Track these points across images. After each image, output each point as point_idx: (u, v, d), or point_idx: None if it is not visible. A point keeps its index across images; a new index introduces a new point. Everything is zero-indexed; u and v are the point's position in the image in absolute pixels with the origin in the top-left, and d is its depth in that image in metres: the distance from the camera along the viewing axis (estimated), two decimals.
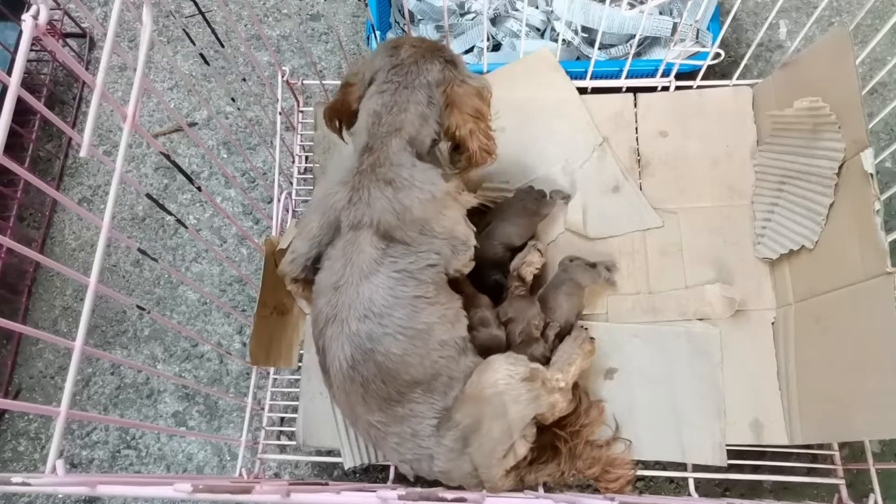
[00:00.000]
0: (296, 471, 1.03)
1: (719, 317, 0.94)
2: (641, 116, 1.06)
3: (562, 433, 0.83)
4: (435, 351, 0.72)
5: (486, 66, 1.08)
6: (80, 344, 0.52)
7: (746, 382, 0.91)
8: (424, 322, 0.72)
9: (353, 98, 0.78)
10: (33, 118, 1.22)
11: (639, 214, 1.00)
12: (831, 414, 0.81)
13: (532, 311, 0.88)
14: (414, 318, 0.71)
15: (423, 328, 0.71)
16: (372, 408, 0.73)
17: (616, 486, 0.84)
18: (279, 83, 1.06)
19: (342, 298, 0.71)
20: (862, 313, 0.77)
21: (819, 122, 0.86)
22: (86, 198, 1.21)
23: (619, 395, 0.91)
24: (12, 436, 1.08)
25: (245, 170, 1.21)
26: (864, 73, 1.15)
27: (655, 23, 1.09)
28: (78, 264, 1.17)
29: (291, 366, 0.98)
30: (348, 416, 0.77)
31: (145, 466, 1.05)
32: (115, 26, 0.54)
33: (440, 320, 0.73)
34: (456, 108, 0.74)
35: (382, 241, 0.71)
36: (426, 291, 0.72)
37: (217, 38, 0.88)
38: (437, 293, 0.74)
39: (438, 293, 0.74)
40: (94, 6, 1.35)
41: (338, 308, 0.71)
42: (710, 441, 0.88)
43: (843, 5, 1.25)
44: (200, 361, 1.10)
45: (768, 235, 0.94)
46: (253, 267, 1.14)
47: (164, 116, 1.26)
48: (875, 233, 0.75)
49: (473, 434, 0.72)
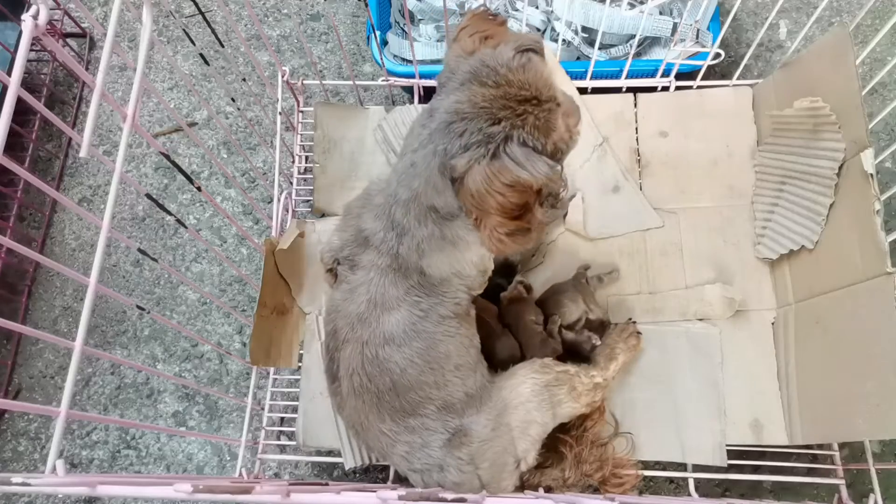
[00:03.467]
0: (296, 471, 1.03)
1: (719, 317, 0.94)
2: (641, 116, 1.06)
3: (566, 437, 0.83)
4: (450, 373, 0.73)
5: None
6: (80, 344, 0.52)
7: (746, 382, 0.91)
8: (442, 352, 0.72)
9: None
10: (33, 118, 1.22)
11: (639, 214, 1.00)
12: (831, 414, 0.81)
13: (527, 312, 0.88)
14: (433, 350, 0.72)
15: (442, 356, 0.72)
16: (384, 417, 0.73)
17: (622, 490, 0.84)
18: (279, 83, 1.06)
19: (363, 328, 0.72)
20: (862, 313, 0.77)
21: (819, 122, 0.86)
22: (86, 198, 1.21)
23: (619, 395, 0.91)
24: (12, 436, 1.08)
25: (245, 170, 1.21)
26: (865, 73, 1.15)
27: (655, 23, 1.09)
28: (78, 264, 1.17)
29: (291, 366, 0.98)
30: (358, 424, 0.77)
31: (145, 466, 1.05)
32: (115, 26, 0.54)
33: (457, 349, 0.74)
34: (468, 192, 0.61)
35: (407, 282, 0.70)
36: (448, 327, 0.72)
37: (217, 38, 0.88)
38: (459, 325, 0.74)
39: (460, 325, 0.74)
40: (94, 6, 1.35)
41: (358, 333, 0.72)
42: (711, 441, 0.88)
43: (843, 5, 1.25)
44: (200, 361, 1.10)
45: (768, 235, 0.94)
46: (253, 267, 1.14)
47: (164, 116, 1.26)
48: (875, 233, 0.75)
49: (489, 447, 0.73)
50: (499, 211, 0.60)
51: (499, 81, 0.60)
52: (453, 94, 0.62)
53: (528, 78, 0.60)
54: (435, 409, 0.73)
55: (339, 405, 0.77)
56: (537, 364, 0.78)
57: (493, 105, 0.60)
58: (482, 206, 0.60)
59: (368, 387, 0.72)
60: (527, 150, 0.60)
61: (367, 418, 0.74)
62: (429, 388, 0.72)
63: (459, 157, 0.60)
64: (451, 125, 0.60)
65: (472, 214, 0.62)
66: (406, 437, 0.73)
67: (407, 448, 0.74)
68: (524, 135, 0.60)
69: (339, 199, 1.06)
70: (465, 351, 0.75)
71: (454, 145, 0.60)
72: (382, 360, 0.71)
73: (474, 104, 0.60)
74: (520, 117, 0.59)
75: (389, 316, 0.70)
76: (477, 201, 0.60)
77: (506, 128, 0.59)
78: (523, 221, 0.62)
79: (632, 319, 0.92)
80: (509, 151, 0.59)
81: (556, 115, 0.62)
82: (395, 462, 0.77)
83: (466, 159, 0.59)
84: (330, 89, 1.21)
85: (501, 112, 0.59)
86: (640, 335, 0.90)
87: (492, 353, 0.85)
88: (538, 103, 0.60)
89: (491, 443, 0.73)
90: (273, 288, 0.93)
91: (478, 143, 0.59)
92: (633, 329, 0.89)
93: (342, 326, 0.74)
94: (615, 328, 0.90)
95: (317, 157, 1.08)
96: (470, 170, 0.59)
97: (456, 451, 0.72)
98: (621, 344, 0.87)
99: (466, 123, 0.60)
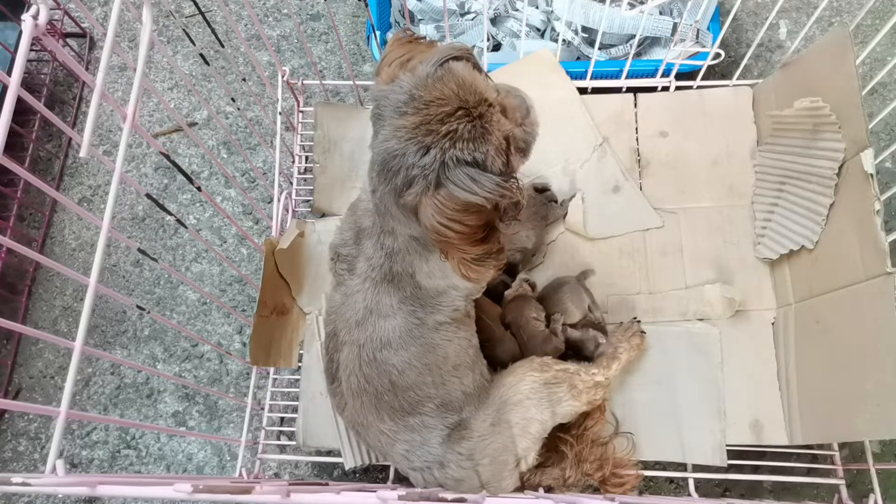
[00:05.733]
0: (296, 471, 1.03)
1: (719, 317, 0.94)
2: (641, 116, 1.06)
3: (566, 436, 0.83)
4: (448, 373, 0.73)
5: (487, 66, 1.08)
6: (80, 344, 0.52)
7: (746, 382, 0.91)
8: (440, 355, 0.72)
9: None
10: (33, 118, 1.22)
11: (639, 214, 1.00)
12: (831, 414, 0.81)
13: (528, 309, 0.88)
14: (430, 353, 0.72)
15: (440, 359, 0.72)
16: (384, 417, 0.73)
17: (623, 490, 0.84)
18: (279, 83, 1.06)
19: (360, 332, 0.72)
20: (862, 313, 0.77)
21: (819, 122, 0.86)
22: (86, 198, 1.21)
23: (619, 395, 0.91)
24: (12, 436, 1.08)
25: (245, 170, 1.21)
26: (864, 73, 1.15)
27: (655, 23, 1.09)
28: (78, 264, 1.17)
29: (291, 366, 0.98)
30: (358, 424, 0.77)
31: (145, 466, 1.05)
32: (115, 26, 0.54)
33: (455, 350, 0.74)
34: (425, 227, 0.57)
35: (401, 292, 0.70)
36: (445, 332, 0.72)
37: (217, 38, 0.88)
38: (457, 329, 0.74)
39: (458, 329, 0.74)
40: (94, 6, 1.35)
41: (355, 336, 0.72)
42: (711, 441, 0.88)
43: (843, 5, 1.25)
44: (200, 361, 1.10)
45: (768, 235, 0.94)
46: (253, 267, 1.14)
47: (164, 116, 1.26)
48: (875, 233, 0.75)
49: (488, 443, 0.73)
50: (461, 239, 0.57)
51: (418, 106, 0.56)
52: (381, 134, 0.58)
53: (447, 90, 0.56)
54: (434, 406, 0.73)
55: (339, 405, 0.78)
56: (536, 362, 0.78)
57: (418, 133, 0.55)
58: (443, 238, 0.57)
59: (367, 388, 0.72)
60: (468, 169, 0.55)
61: (366, 418, 0.75)
62: (427, 387, 0.72)
63: (406, 194, 0.57)
64: (387, 165, 0.57)
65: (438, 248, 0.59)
66: (406, 435, 0.74)
67: (407, 446, 0.74)
68: (457, 154, 0.55)
69: (339, 199, 1.06)
70: (464, 351, 0.75)
71: (398, 183, 0.57)
72: (380, 362, 0.71)
73: (399, 139, 0.56)
74: (447, 137, 0.55)
75: (386, 322, 0.70)
76: (436, 234, 0.57)
77: (436, 154, 0.55)
78: (490, 244, 0.59)
79: (636, 318, 0.92)
80: (451, 176, 0.55)
81: (491, 116, 0.57)
82: (396, 461, 0.77)
83: (413, 195, 0.56)
84: (330, 89, 1.21)
85: (427, 138, 0.55)
86: (644, 335, 0.90)
87: (493, 357, 0.85)
88: (465, 112, 0.55)
89: (490, 438, 0.73)
90: (273, 288, 0.93)
91: (416, 178, 0.56)
92: (636, 328, 0.89)
93: (341, 328, 0.74)
94: (619, 327, 0.90)
95: (317, 157, 1.07)
96: (419, 205, 0.56)
97: (455, 447, 0.73)
98: (625, 343, 0.87)
99: (399, 160, 0.56)
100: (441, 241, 0.58)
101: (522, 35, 1.07)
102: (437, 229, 0.56)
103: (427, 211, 0.56)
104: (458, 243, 0.57)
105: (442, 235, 0.56)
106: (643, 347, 0.90)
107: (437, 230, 0.56)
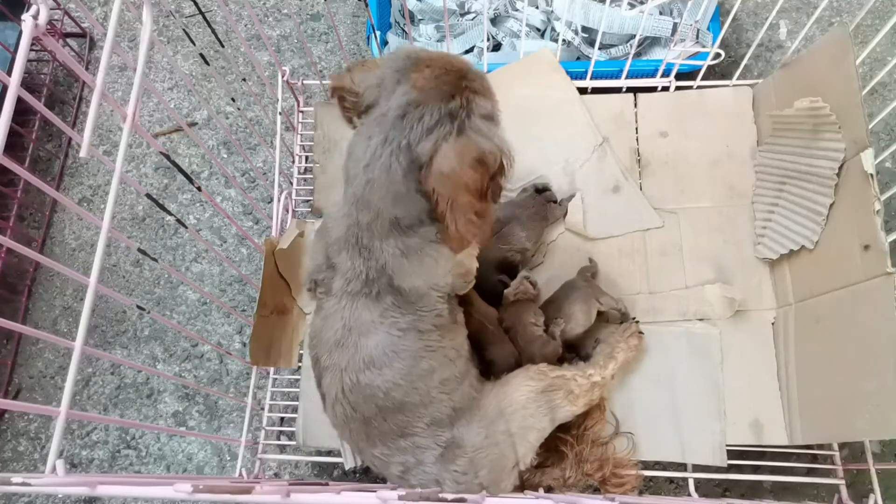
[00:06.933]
0: (296, 471, 1.03)
1: (719, 317, 0.94)
2: (641, 116, 1.06)
3: (566, 436, 0.83)
4: (436, 389, 0.71)
5: (487, 66, 1.08)
6: (80, 344, 0.52)
7: (746, 382, 0.91)
8: (425, 368, 0.70)
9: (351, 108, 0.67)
10: (33, 118, 1.22)
11: (639, 214, 1.00)
12: (831, 414, 0.81)
13: (527, 313, 0.88)
14: (415, 367, 0.69)
15: (425, 373, 0.70)
16: (375, 442, 0.72)
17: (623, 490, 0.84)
18: (279, 83, 1.06)
19: (341, 353, 0.69)
20: (862, 313, 0.77)
21: (819, 122, 0.86)
22: (86, 198, 1.21)
23: (619, 395, 0.91)
24: (12, 436, 1.08)
25: (245, 170, 1.21)
26: (864, 73, 1.15)
27: (655, 23, 1.09)
28: (78, 264, 1.17)
29: (291, 366, 0.98)
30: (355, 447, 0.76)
31: (145, 466, 1.05)
32: (115, 26, 0.54)
33: (441, 362, 0.71)
34: (439, 174, 0.59)
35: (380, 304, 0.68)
36: (429, 341, 0.70)
37: (217, 38, 0.88)
38: (441, 337, 0.71)
39: (442, 337, 0.71)
40: (94, 6, 1.35)
41: (336, 361, 0.70)
42: (711, 441, 0.88)
43: (843, 5, 1.25)
44: (200, 361, 1.10)
45: (768, 235, 0.94)
46: (253, 267, 1.14)
47: (164, 116, 1.26)
48: (875, 233, 0.75)
49: (485, 455, 0.72)
50: (468, 190, 0.58)
51: (430, 63, 0.59)
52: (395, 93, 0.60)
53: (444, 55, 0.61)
54: (424, 426, 0.71)
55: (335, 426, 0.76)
56: (532, 371, 0.77)
57: (439, 83, 0.58)
58: (454, 186, 0.58)
59: (353, 415, 0.70)
60: (485, 120, 0.59)
61: (357, 444, 0.73)
62: (415, 407, 0.70)
63: (425, 141, 0.58)
64: (406, 116, 0.59)
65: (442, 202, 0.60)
66: (399, 457, 0.72)
67: (402, 468, 0.72)
68: (481, 102, 0.59)
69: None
70: (450, 363, 0.72)
71: (416, 133, 0.58)
72: (364, 385, 0.68)
73: (421, 89, 0.58)
74: (468, 88, 0.59)
75: (367, 339, 0.68)
76: (448, 182, 0.58)
77: (462, 100, 0.58)
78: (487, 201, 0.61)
79: (635, 319, 0.92)
80: (472, 124, 0.58)
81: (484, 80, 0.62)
82: (394, 480, 0.75)
83: (433, 140, 0.58)
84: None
85: (449, 87, 0.58)
86: (643, 335, 0.90)
87: (491, 360, 0.84)
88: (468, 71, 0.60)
89: (487, 450, 0.72)
90: (273, 288, 0.93)
91: (440, 122, 0.58)
92: (635, 329, 0.89)
93: (322, 353, 0.72)
94: (618, 328, 0.90)
95: (317, 157, 1.08)
96: (437, 151, 0.58)
97: (450, 465, 0.71)
98: (622, 343, 0.87)
99: (423, 108, 0.58)
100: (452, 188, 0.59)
101: (522, 35, 1.07)
102: (454, 176, 0.58)
103: (449, 155, 0.58)
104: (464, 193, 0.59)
105: (455, 183, 0.58)
106: (641, 348, 0.90)
107: (453, 176, 0.58)
